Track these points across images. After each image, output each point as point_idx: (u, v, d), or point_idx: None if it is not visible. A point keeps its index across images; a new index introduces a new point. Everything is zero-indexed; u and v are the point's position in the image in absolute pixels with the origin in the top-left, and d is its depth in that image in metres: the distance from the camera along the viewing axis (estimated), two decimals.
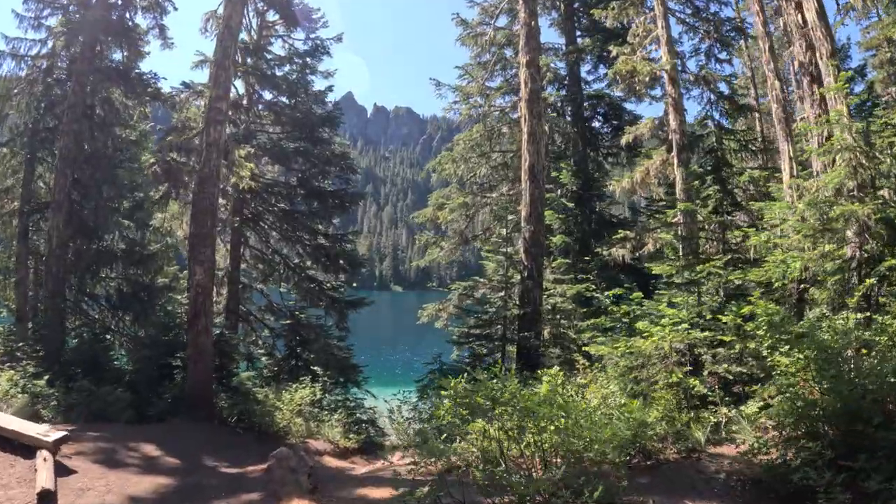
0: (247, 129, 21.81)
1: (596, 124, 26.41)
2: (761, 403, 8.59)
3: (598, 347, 11.02)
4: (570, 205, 20.34)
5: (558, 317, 17.67)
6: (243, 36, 20.68)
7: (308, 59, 22.46)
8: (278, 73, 22.21)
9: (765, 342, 7.90)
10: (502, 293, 16.66)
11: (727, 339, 9.83)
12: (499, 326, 16.38)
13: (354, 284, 23.65)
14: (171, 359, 14.12)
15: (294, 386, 14.40)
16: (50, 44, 18.83)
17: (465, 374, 7.29)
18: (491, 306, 16.32)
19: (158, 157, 15.33)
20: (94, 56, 18.01)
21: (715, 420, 8.68)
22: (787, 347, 7.40)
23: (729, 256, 12.66)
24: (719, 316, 10.17)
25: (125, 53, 19.04)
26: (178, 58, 23.16)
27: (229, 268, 22.12)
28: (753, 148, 20.59)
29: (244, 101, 22.26)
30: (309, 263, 22.68)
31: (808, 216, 10.33)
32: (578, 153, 23.43)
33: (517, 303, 16.25)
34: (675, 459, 7.96)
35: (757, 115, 25.17)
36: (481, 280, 17.63)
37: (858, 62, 27.67)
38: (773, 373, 7.63)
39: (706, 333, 9.98)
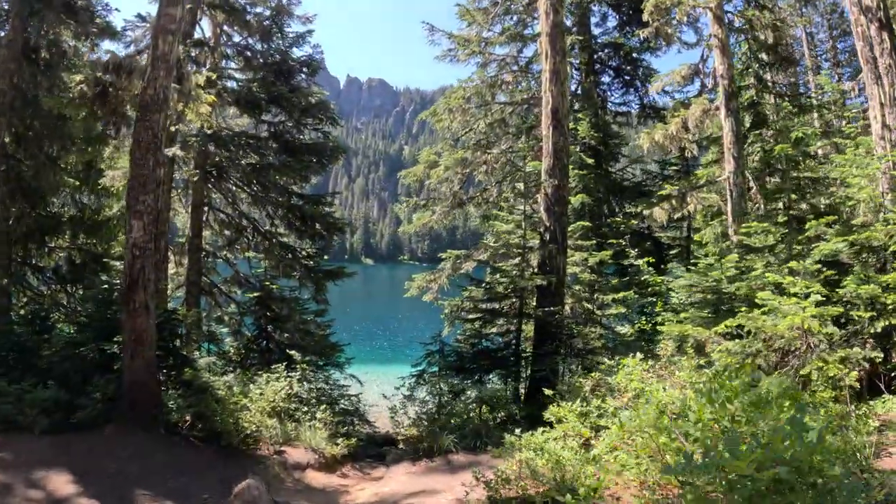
0: (212, 72, 18.54)
1: (605, 79, 23.56)
2: None
3: (681, 327, 8.20)
4: (590, 161, 17.43)
5: (579, 289, 14.87)
6: None
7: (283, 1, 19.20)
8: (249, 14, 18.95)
9: None
10: (517, 260, 13.74)
11: (864, 315, 7.15)
12: (514, 300, 13.50)
13: (326, 257, 21.02)
14: (108, 344, 10.81)
15: (265, 376, 11.45)
16: None
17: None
18: (504, 276, 13.41)
19: (89, 74, 11.91)
20: None
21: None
22: None
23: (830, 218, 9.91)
24: (840, 288, 7.50)
25: None
26: None
27: (190, 234, 19.15)
28: (798, 105, 17.94)
29: (210, 42, 19.00)
30: (281, 229, 19.82)
31: None
32: (593, 107, 20.50)
33: (536, 271, 13.37)
34: None
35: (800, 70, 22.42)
36: (492, 245, 14.65)
37: None
38: None
39: (837, 309, 7.23)
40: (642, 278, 14.86)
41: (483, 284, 13.74)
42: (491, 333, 14.19)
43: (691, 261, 18.61)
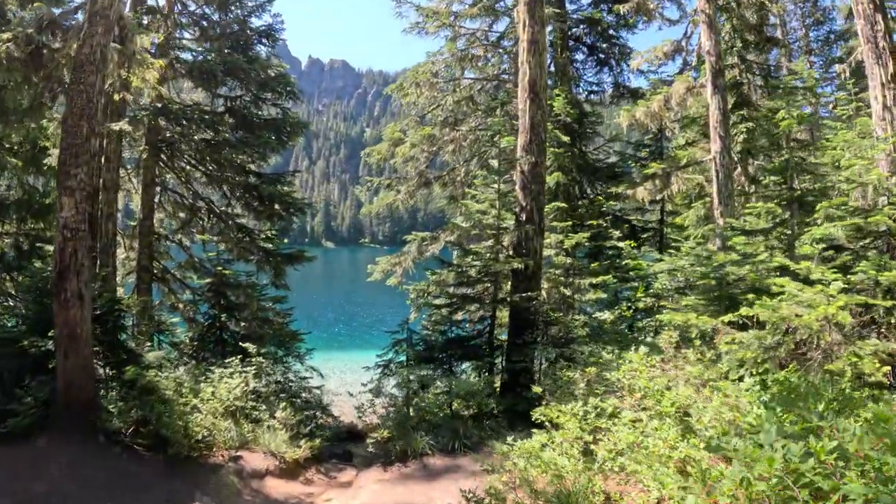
0: (166, 41, 17.16)
1: (579, 56, 22.66)
2: None
3: (683, 316, 7.41)
4: (566, 138, 16.58)
5: (556, 273, 14.07)
6: None
7: None
8: None
9: None
10: (490, 242, 12.85)
11: (884, 303, 6.44)
12: (488, 285, 12.62)
13: (286, 240, 19.91)
14: (42, 340, 9.42)
15: (218, 371, 10.39)
16: None
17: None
18: (477, 259, 12.51)
19: (19, 33, 10.50)
20: None
21: None
22: None
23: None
24: (852, 274, 6.80)
25: None
26: None
27: (141, 216, 17.88)
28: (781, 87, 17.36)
29: (164, 9, 17.62)
30: (238, 210, 18.62)
31: None
32: (568, 83, 19.64)
33: (511, 254, 12.50)
34: None
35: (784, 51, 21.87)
36: (463, 226, 13.70)
37: None
38: None
39: (861, 298, 6.50)
40: (624, 262, 14.14)
41: (454, 268, 12.79)
42: (462, 321, 13.33)
43: (665, 245, 18.07)
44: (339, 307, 49.18)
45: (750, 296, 6.81)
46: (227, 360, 10.70)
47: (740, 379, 5.59)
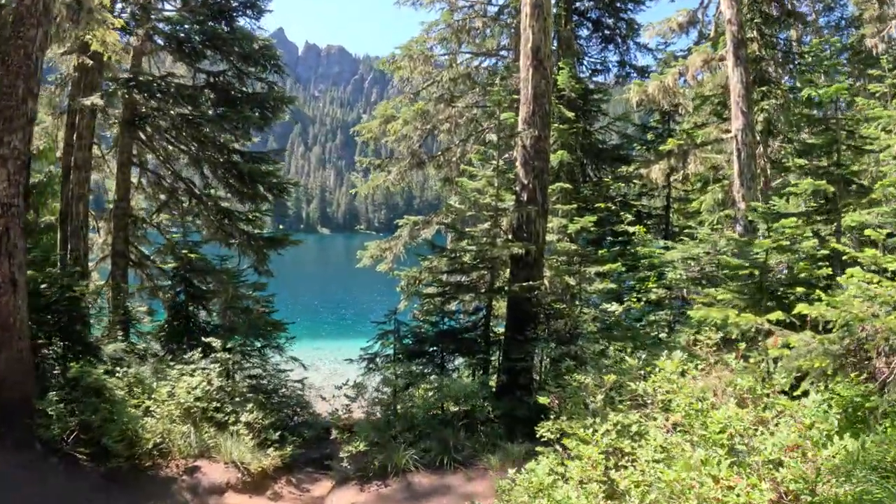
0: (144, 10, 15.85)
1: (583, 32, 21.35)
2: None
3: (722, 312, 6.21)
4: (570, 114, 15.30)
5: (560, 261, 12.85)
6: None
7: None
8: None
9: None
10: (487, 225, 11.60)
11: None
12: (484, 272, 11.40)
13: (281, 226, 18.79)
14: None
15: (176, 369, 9.20)
16: None
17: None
18: (472, 243, 11.28)
19: None
20: None
21: None
22: None
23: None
24: None
25: None
26: None
27: (116, 197, 16.67)
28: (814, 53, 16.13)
29: None
30: (222, 192, 17.40)
31: None
32: (572, 56, 18.34)
33: (510, 239, 11.28)
34: None
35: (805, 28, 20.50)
36: (457, 207, 12.42)
37: None
38: None
39: None
40: (634, 249, 12.93)
41: (446, 253, 11.56)
42: (455, 312, 12.13)
43: (671, 232, 16.79)
44: (330, 294, 48.00)
45: (798, 289, 5.66)
46: (188, 355, 9.48)
47: (804, 394, 4.45)
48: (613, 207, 14.81)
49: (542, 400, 6.37)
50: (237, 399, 9.02)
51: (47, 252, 17.82)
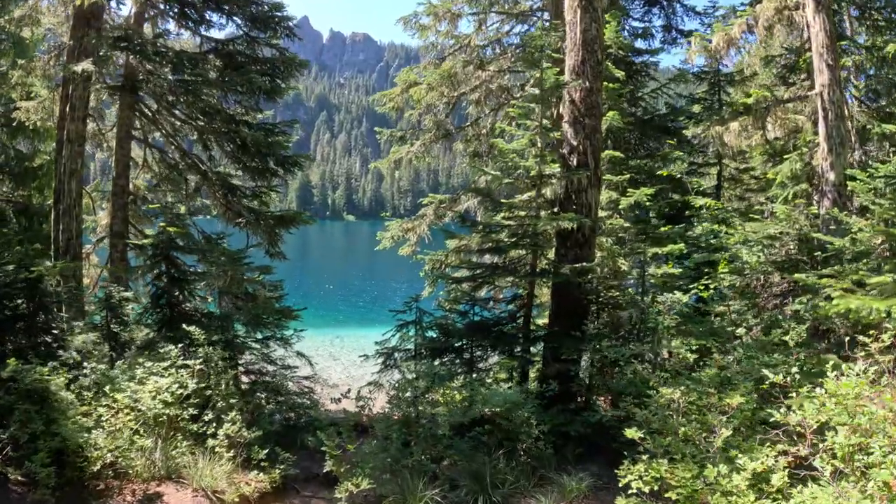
0: None
1: None
2: None
3: (858, 301, 4.22)
4: (620, 73, 13.18)
5: (610, 241, 10.85)
6: None
7: None
8: None
9: None
10: (526, 197, 9.60)
11: None
12: (524, 252, 9.41)
13: (307, 212, 17.25)
14: None
15: (146, 366, 7.41)
16: None
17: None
18: (511, 216, 9.30)
19: None
20: None
21: None
22: None
23: None
24: None
25: None
26: None
27: (114, 174, 15.32)
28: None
29: None
30: (231, 171, 15.82)
31: None
32: (619, 10, 16.17)
33: (556, 212, 9.29)
34: None
35: None
36: (492, 174, 10.38)
37: None
38: None
39: None
40: (701, 226, 10.87)
41: (480, 228, 9.50)
42: (487, 299, 10.16)
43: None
44: (355, 282, 46.30)
45: None
46: (162, 349, 7.69)
47: None
48: (679, 175, 12.68)
49: (631, 433, 4.34)
50: (220, 405, 7.20)
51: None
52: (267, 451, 6.74)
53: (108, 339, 9.48)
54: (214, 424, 7.04)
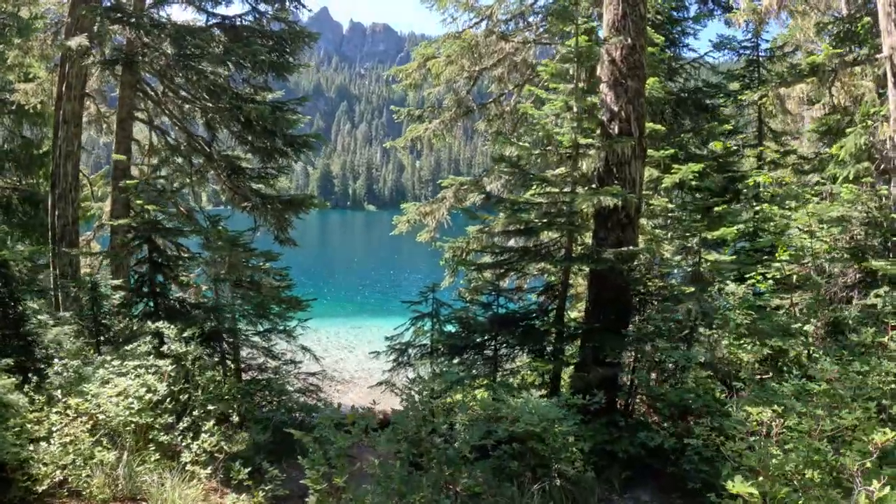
0: None
1: None
2: None
3: None
4: (659, 38, 11.82)
5: (651, 224, 9.54)
6: None
7: None
8: None
9: None
10: (563, 169, 8.30)
11: None
12: (559, 234, 8.13)
13: (328, 204, 16.10)
14: None
15: (112, 365, 6.31)
16: None
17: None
18: (543, 191, 8.03)
19: None
20: None
21: None
22: None
23: None
24: None
25: None
26: None
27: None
28: None
29: None
30: (230, 150, 14.94)
31: None
32: None
33: (594, 187, 8.01)
34: None
35: None
36: (521, 145, 9.06)
37: None
38: None
39: None
40: (756, 207, 9.54)
41: (507, 205, 8.14)
42: (513, 291, 8.87)
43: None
44: (374, 271, 45.31)
45: None
46: (130, 347, 6.58)
47: None
48: (731, 146, 11.32)
49: (741, 488, 3.00)
50: (197, 413, 6.07)
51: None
52: (251, 468, 5.59)
53: (95, 334, 8.44)
54: (191, 435, 5.93)
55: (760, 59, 16.57)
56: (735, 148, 15.63)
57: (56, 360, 6.64)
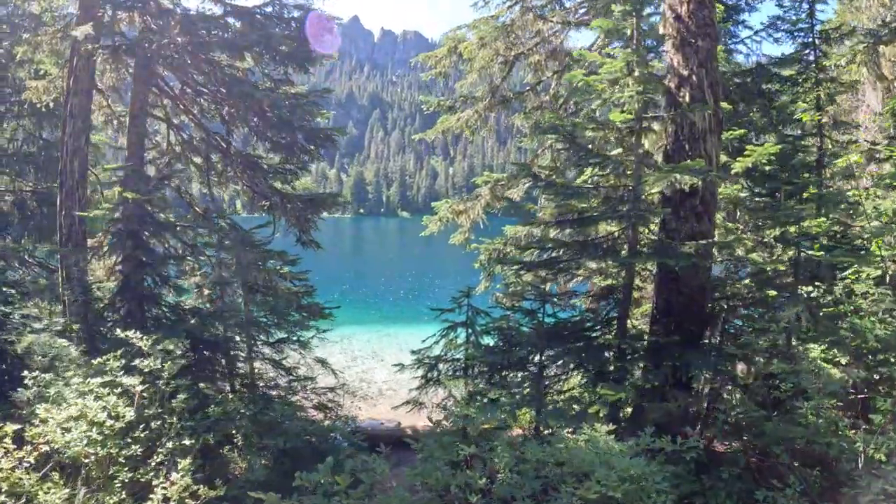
0: None
1: None
2: None
3: None
4: (720, 6, 10.35)
5: (720, 216, 8.07)
6: None
7: None
8: None
9: None
10: (618, 152, 6.89)
11: None
12: (615, 230, 6.73)
13: (361, 210, 15.14)
14: None
15: (71, 383, 5.12)
16: None
17: None
18: (601, 172, 6.62)
19: None
20: None
21: None
22: None
23: None
24: None
25: None
26: None
27: (128, 153, 13.71)
28: None
29: None
30: (250, 148, 14.05)
31: None
32: None
33: (662, 168, 6.56)
34: None
35: None
36: (574, 121, 7.65)
37: None
38: None
39: None
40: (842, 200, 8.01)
41: (556, 190, 6.64)
42: (565, 296, 7.44)
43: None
44: (409, 277, 44.23)
45: None
46: (98, 361, 5.39)
47: None
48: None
49: None
50: (170, 445, 4.83)
51: None
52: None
53: (86, 341, 7.35)
54: (164, 472, 4.71)
55: (816, 41, 15.05)
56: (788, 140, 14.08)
57: (26, 373, 5.52)
